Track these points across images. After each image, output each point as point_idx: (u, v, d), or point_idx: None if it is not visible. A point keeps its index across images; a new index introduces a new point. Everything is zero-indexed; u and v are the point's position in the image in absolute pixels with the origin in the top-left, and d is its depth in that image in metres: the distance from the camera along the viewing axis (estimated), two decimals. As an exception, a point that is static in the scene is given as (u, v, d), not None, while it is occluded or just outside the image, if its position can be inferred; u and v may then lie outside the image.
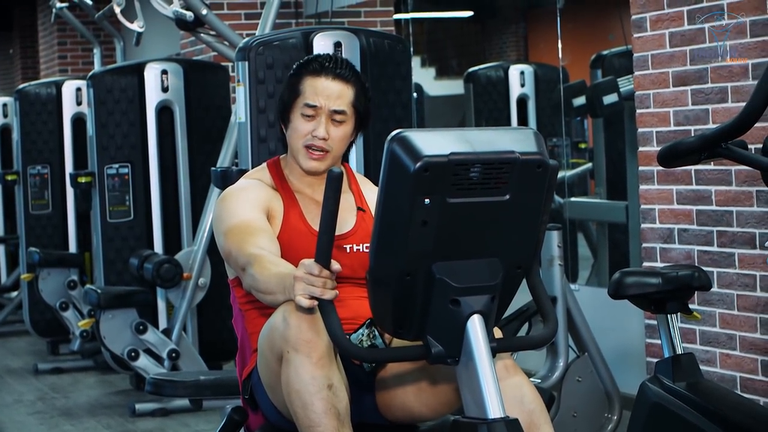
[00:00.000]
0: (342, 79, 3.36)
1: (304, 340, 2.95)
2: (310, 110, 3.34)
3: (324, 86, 3.35)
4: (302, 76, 3.38)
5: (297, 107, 3.37)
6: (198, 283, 6.45)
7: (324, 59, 3.40)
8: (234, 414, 3.43)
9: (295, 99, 3.37)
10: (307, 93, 3.35)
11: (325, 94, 3.34)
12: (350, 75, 3.38)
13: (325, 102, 3.34)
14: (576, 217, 7.57)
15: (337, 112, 3.34)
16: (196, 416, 6.31)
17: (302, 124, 3.36)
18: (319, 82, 3.35)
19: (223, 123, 6.73)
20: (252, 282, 3.09)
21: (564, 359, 5.01)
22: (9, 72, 16.51)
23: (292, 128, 3.38)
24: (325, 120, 3.34)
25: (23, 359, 8.53)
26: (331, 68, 3.36)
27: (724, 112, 4.62)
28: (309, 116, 3.35)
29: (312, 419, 2.95)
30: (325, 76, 3.36)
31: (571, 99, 7.55)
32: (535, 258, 2.85)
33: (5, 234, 9.88)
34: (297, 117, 3.37)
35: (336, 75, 3.36)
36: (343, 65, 3.38)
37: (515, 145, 2.67)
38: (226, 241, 3.25)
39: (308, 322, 2.95)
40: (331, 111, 3.34)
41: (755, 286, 4.60)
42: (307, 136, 3.35)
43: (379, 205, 2.66)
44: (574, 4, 8.22)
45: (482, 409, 2.70)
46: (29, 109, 8.26)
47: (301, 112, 3.35)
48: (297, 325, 2.95)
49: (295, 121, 3.37)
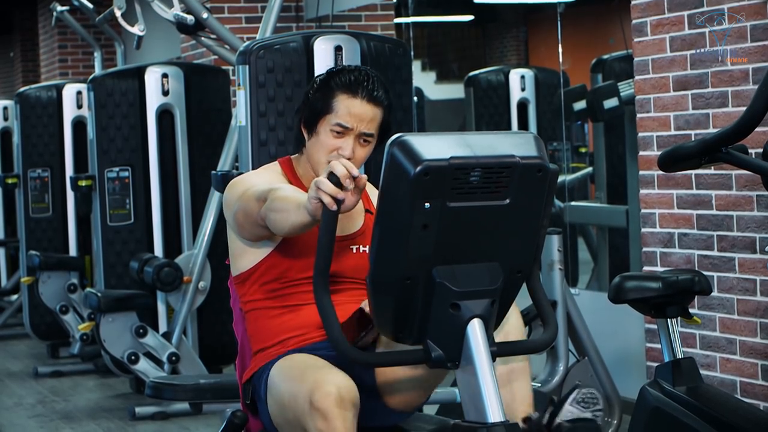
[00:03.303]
0: (376, 102, 3.33)
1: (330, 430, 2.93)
2: (341, 128, 3.32)
3: (359, 110, 3.31)
4: (336, 91, 3.33)
5: (327, 122, 3.32)
6: (198, 286, 6.45)
7: (362, 78, 3.34)
8: (234, 417, 3.42)
9: (327, 114, 3.33)
10: (341, 113, 3.31)
11: (359, 117, 3.31)
12: (384, 97, 3.35)
13: (357, 124, 3.31)
14: (576, 222, 7.57)
15: (366, 134, 3.33)
16: (196, 420, 6.31)
17: (330, 139, 3.33)
18: (354, 104, 3.31)
19: (223, 127, 6.73)
20: (269, 204, 3.08)
21: (564, 363, 5.01)
22: (9, 75, 16.52)
23: (318, 140, 3.35)
24: (353, 141, 3.32)
25: (23, 362, 8.53)
26: (368, 90, 3.32)
27: (725, 116, 4.62)
28: (338, 133, 3.33)
29: None
30: (361, 98, 3.31)
31: (571, 103, 7.55)
32: (535, 262, 2.85)
33: (5, 237, 9.88)
34: (325, 131, 3.33)
35: (372, 98, 3.32)
36: (378, 87, 3.35)
37: (515, 150, 2.67)
38: (239, 204, 3.23)
39: (334, 413, 2.92)
40: (361, 133, 3.33)
41: (755, 290, 4.60)
42: (333, 152, 3.33)
43: (380, 209, 2.66)
44: (575, 9, 8.21)
45: (482, 414, 2.70)
46: (30, 112, 8.26)
47: (331, 128, 3.32)
48: (323, 412, 2.92)
49: (323, 135, 3.34)
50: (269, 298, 3.34)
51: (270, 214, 3.09)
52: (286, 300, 3.32)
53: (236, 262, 3.39)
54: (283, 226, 3.06)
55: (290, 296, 3.32)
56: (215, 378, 4.04)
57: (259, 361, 3.33)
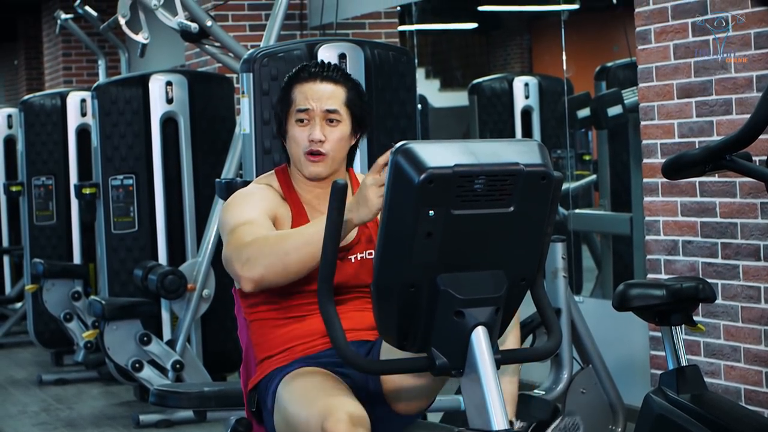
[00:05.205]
0: (331, 80, 3.37)
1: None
2: (303, 114, 3.35)
3: (314, 90, 3.35)
4: (292, 85, 3.39)
5: (291, 116, 3.37)
6: (202, 294, 6.45)
7: (311, 66, 3.41)
8: (238, 425, 3.42)
9: (288, 109, 3.38)
10: (298, 99, 3.36)
11: (315, 96, 3.35)
12: (339, 76, 3.39)
13: (316, 104, 3.34)
14: (580, 229, 7.57)
15: (330, 111, 3.34)
16: (200, 428, 6.31)
17: (298, 131, 3.36)
18: (308, 86, 3.36)
19: (227, 134, 6.73)
20: (275, 258, 3.04)
21: (568, 371, 5.01)
22: (14, 83, 16.53)
23: (291, 138, 3.38)
24: (319, 122, 3.34)
25: (27, 370, 8.53)
26: (319, 72, 3.37)
27: (729, 124, 4.62)
28: (303, 121, 3.35)
29: None
30: (313, 80, 3.37)
31: (575, 111, 7.55)
32: (539, 270, 2.85)
33: (10, 245, 9.88)
34: (293, 126, 3.37)
35: (324, 77, 3.37)
36: (330, 68, 3.39)
37: (520, 157, 2.67)
38: (228, 239, 3.21)
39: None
40: (324, 111, 3.34)
41: (760, 298, 4.59)
42: (305, 142, 3.35)
43: (384, 217, 2.66)
44: (579, 16, 8.22)
45: (486, 421, 2.70)
46: (34, 120, 8.27)
47: (296, 119, 3.36)
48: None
49: (292, 130, 3.37)
50: (273, 309, 3.33)
51: (278, 268, 3.03)
52: (290, 311, 3.31)
53: (238, 272, 3.38)
54: (302, 266, 3.02)
55: (295, 307, 3.31)
56: (219, 386, 4.03)
57: (264, 368, 3.32)
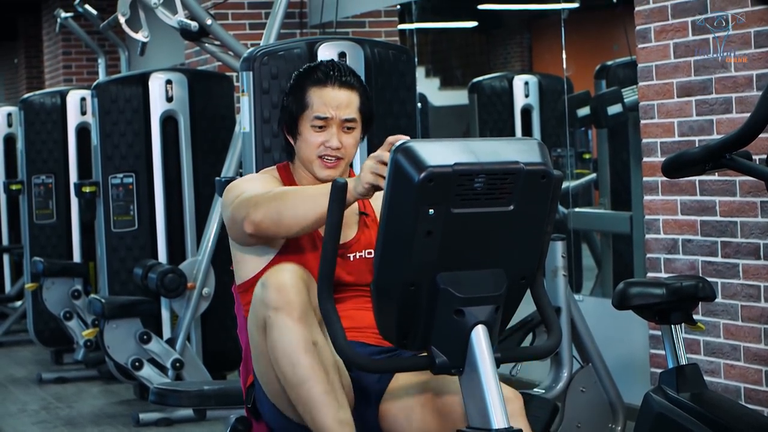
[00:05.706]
0: (348, 86, 3.37)
1: (284, 301, 2.99)
2: (321, 122, 3.35)
3: (332, 97, 3.35)
4: (307, 87, 3.38)
5: (306, 119, 3.37)
6: (202, 292, 6.45)
7: (327, 68, 3.40)
8: (238, 424, 3.43)
9: (303, 111, 3.37)
10: (316, 105, 3.35)
11: (333, 104, 3.34)
12: (355, 81, 3.39)
13: (335, 113, 3.34)
14: (580, 228, 7.57)
15: (347, 120, 3.35)
16: (199, 426, 6.31)
17: (314, 136, 3.36)
18: (326, 93, 3.35)
19: (227, 133, 6.73)
20: (271, 205, 3.09)
21: (568, 370, 5.01)
22: (14, 81, 16.53)
23: (303, 140, 3.38)
24: (336, 130, 3.35)
25: (27, 369, 8.53)
26: (336, 77, 3.37)
27: (729, 122, 4.62)
28: (320, 127, 3.35)
29: (300, 376, 2.98)
30: (331, 86, 3.36)
31: (575, 109, 7.55)
32: (539, 268, 2.85)
33: (9, 243, 9.88)
34: (307, 129, 3.37)
35: (342, 83, 3.37)
36: (346, 72, 3.39)
37: (519, 156, 2.67)
38: (230, 211, 3.25)
39: (286, 283, 2.99)
40: (342, 120, 3.35)
41: (759, 296, 4.59)
42: (320, 147, 3.35)
43: (384, 216, 2.66)
44: (579, 15, 8.21)
45: (486, 420, 2.70)
46: (34, 118, 8.27)
47: (311, 124, 3.36)
48: (275, 286, 2.99)
49: (306, 134, 3.37)
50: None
51: (273, 215, 3.09)
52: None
53: (239, 270, 3.39)
54: (295, 221, 3.06)
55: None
56: (219, 384, 4.04)
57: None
